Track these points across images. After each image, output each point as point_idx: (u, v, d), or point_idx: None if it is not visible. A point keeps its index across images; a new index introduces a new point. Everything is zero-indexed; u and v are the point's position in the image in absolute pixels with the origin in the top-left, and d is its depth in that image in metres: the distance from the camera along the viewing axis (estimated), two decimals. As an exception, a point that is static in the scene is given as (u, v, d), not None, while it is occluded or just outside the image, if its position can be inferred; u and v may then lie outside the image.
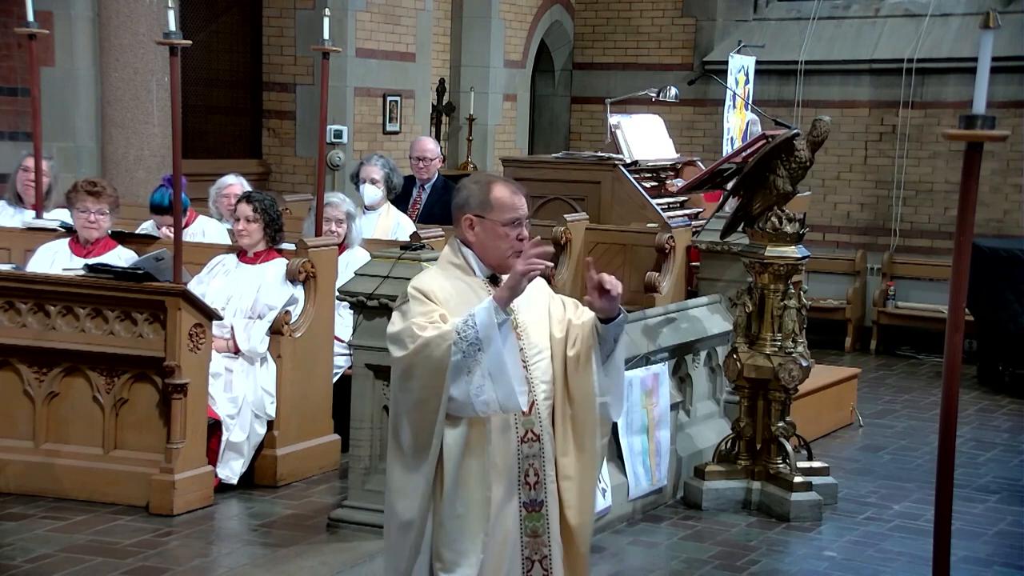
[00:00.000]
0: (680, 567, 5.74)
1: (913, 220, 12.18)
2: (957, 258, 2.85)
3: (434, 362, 3.52)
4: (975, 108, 2.77)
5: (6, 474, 6.13)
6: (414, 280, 3.70)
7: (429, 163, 8.83)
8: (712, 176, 7.04)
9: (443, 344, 3.51)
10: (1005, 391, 9.87)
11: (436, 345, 3.52)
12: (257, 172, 11.04)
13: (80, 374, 6.14)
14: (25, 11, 7.25)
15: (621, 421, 6.20)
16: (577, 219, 8.83)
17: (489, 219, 3.69)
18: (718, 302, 7.35)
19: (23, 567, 5.19)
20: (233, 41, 11.21)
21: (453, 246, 3.78)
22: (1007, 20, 10.82)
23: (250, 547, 5.63)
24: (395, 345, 3.61)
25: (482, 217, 3.70)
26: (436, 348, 3.52)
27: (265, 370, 6.53)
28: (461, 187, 3.81)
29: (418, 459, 3.62)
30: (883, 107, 12.23)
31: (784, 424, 6.65)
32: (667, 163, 9.98)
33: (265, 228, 6.71)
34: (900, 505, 6.80)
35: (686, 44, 13.30)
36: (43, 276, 6.33)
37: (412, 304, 3.62)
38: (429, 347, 3.53)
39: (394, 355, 3.61)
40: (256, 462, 6.48)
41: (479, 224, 3.70)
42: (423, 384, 3.56)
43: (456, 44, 12.78)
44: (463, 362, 3.49)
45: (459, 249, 3.76)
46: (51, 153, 8.37)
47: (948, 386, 2.91)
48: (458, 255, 3.76)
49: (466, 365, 3.49)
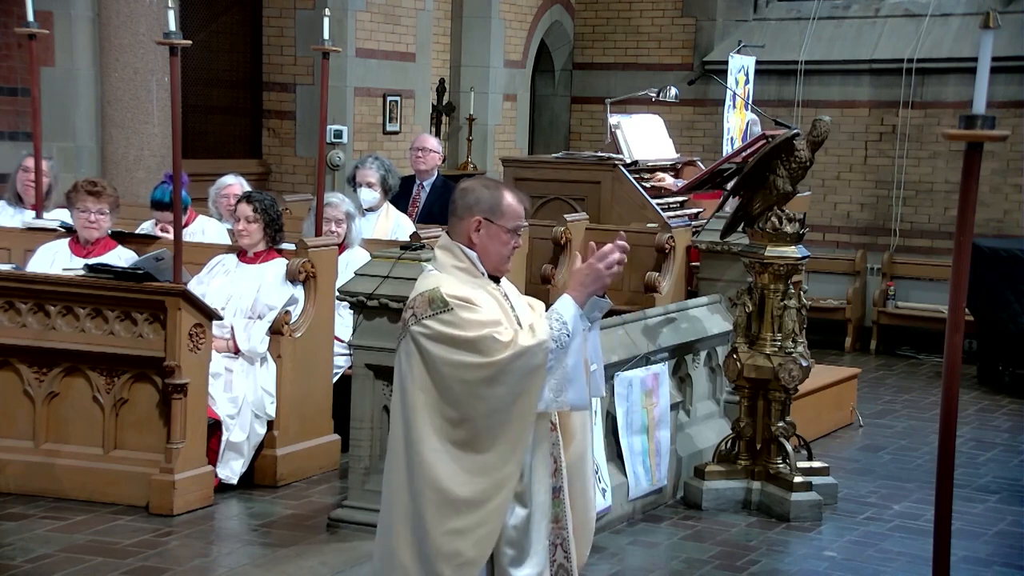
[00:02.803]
0: (680, 567, 5.74)
1: (913, 220, 12.18)
2: (957, 258, 2.85)
3: (532, 368, 3.67)
4: (975, 108, 2.77)
5: (6, 474, 6.13)
6: (443, 288, 3.71)
7: (428, 154, 8.82)
8: (712, 176, 7.04)
9: (541, 351, 3.66)
10: (1005, 391, 9.87)
11: (533, 353, 3.66)
12: (257, 172, 11.04)
13: (80, 374, 6.14)
14: (25, 11, 7.25)
15: (621, 421, 6.20)
16: (577, 219, 8.83)
17: (497, 224, 3.78)
18: (718, 302, 7.35)
19: (23, 567, 5.19)
20: (233, 41, 11.21)
21: (453, 249, 3.81)
22: (1007, 20, 10.82)
23: (250, 547, 5.63)
24: (476, 354, 3.67)
25: (491, 221, 3.77)
26: (534, 356, 3.66)
27: (265, 370, 6.53)
28: (469, 189, 3.84)
29: (502, 457, 3.73)
30: (883, 107, 12.23)
31: (784, 424, 6.65)
32: (667, 163, 9.98)
33: (265, 228, 6.71)
34: (900, 505, 6.80)
35: (686, 44, 13.30)
36: (43, 276, 6.33)
37: (461, 312, 3.69)
38: (526, 355, 3.66)
39: (473, 361, 3.67)
40: (256, 462, 6.48)
41: (485, 227, 3.77)
42: (514, 390, 3.69)
43: (456, 44, 12.79)
44: (553, 364, 3.68)
45: (462, 252, 3.80)
46: (51, 153, 8.37)
47: (948, 386, 2.91)
48: (462, 258, 3.80)
49: (552, 366, 3.69)
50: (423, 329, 3.70)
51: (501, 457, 3.73)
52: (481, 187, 3.85)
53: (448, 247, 3.83)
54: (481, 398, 3.72)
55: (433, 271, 3.82)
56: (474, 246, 3.79)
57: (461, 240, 3.80)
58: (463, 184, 3.90)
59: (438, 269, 3.82)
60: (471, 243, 3.79)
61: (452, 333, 3.68)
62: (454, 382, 3.70)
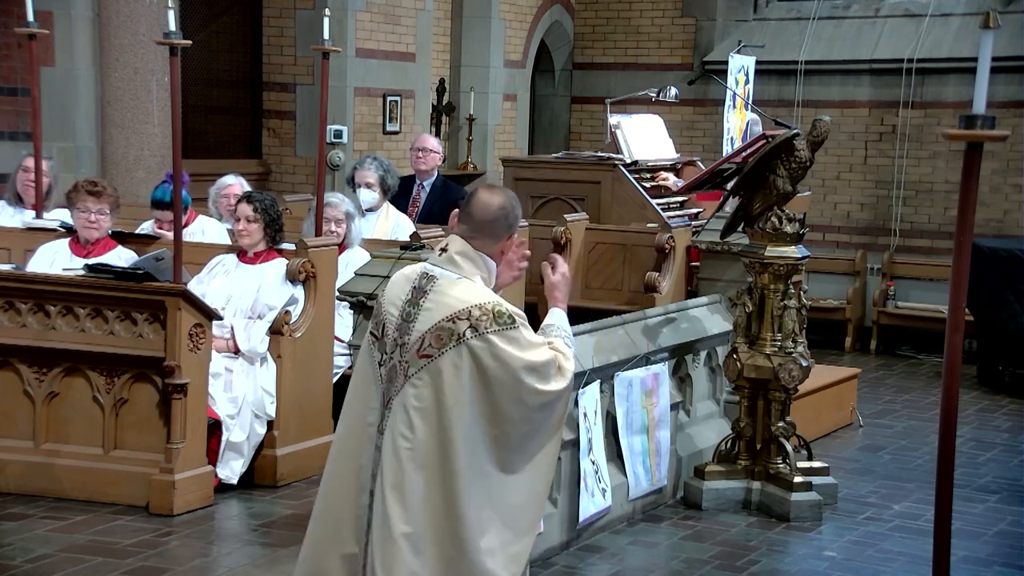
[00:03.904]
0: (680, 567, 5.74)
1: (913, 220, 12.18)
2: (957, 258, 2.85)
3: (570, 391, 3.90)
4: (975, 108, 2.78)
5: (6, 474, 6.13)
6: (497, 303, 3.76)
7: (428, 154, 8.82)
8: (712, 176, 7.03)
9: (573, 375, 3.88)
10: (1005, 391, 9.87)
11: (572, 377, 3.88)
12: (257, 172, 11.04)
13: (80, 374, 6.14)
14: (25, 11, 7.25)
15: (621, 421, 6.20)
16: (577, 219, 8.83)
17: (514, 236, 3.92)
18: (718, 302, 7.35)
19: (23, 567, 5.19)
20: (233, 41, 11.21)
21: (478, 261, 3.83)
22: (1007, 20, 10.82)
23: (250, 547, 5.63)
24: (540, 379, 3.77)
25: (512, 235, 3.92)
26: (572, 380, 3.89)
27: (265, 370, 6.53)
28: (512, 205, 3.88)
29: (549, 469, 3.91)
30: (883, 107, 12.23)
31: (784, 424, 6.65)
32: (667, 163, 9.98)
33: (265, 228, 6.71)
34: (900, 505, 6.80)
35: (686, 44, 13.30)
36: (43, 276, 6.33)
37: (524, 331, 3.77)
38: (571, 381, 3.87)
39: (538, 387, 3.76)
40: (256, 462, 6.48)
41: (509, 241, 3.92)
42: (558, 414, 3.87)
43: (456, 44, 12.78)
44: None
45: (484, 263, 3.85)
46: (51, 153, 8.37)
47: (948, 386, 2.91)
48: (484, 269, 3.86)
49: None
50: (484, 344, 3.67)
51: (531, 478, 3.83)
52: (516, 201, 3.92)
53: (471, 257, 3.82)
54: (531, 421, 3.77)
55: (463, 279, 3.79)
56: (499, 262, 3.87)
57: (491, 253, 3.85)
58: (497, 200, 3.87)
59: (466, 277, 3.80)
60: (498, 258, 3.86)
61: (520, 356, 3.71)
62: (510, 404, 3.72)
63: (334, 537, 3.86)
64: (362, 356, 3.92)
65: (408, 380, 3.73)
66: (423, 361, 3.70)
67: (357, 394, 3.89)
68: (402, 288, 3.84)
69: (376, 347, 3.83)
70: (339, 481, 3.87)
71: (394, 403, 3.75)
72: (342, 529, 3.83)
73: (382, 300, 3.89)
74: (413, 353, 3.72)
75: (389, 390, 3.77)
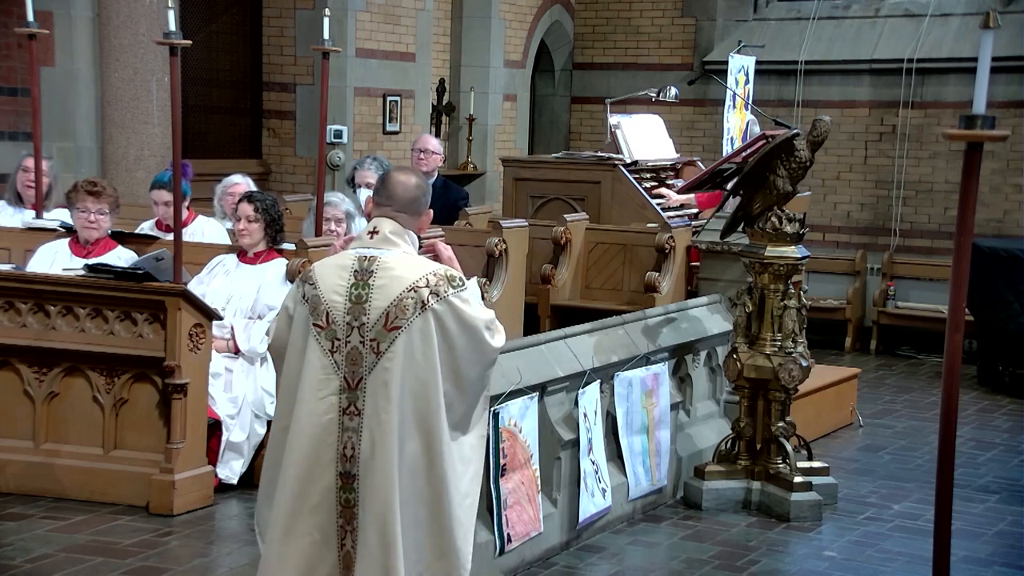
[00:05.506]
0: (680, 567, 5.74)
1: (913, 220, 12.18)
2: (957, 258, 2.85)
3: None
4: (975, 108, 2.78)
5: (6, 474, 6.14)
6: (446, 268, 3.99)
7: (430, 156, 8.83)
8: (712, 176, 7.03)
9: None
10: (1005, 391, 9.87)
11: None
12: (257, 172, 11.03)
13: (80, 374, 6.14)
14: (25, 11, 7.25)
15: (621, 421, 6.20)
16: (577, 219, 8.83)
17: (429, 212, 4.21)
18: (718, 302, 7.35)
19: (23, 567, 5.19)
20: (233, 41, 11.21)
21: (407, 237, 4.05)
22: (1007, 20, 10.82)
23: (250, 547, 5.62)
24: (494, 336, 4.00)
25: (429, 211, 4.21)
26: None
27: (265, 370, 6.53)
28: (425, 182, 4.14)
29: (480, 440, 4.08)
30: (883, 107, 12.23)
31: (784, 424, 6.65)
32: (667, 163, 9.98)
33: (266, 228, 6.71)
34: (900, 505, 6.80)
35: (686, 44, 13.30)
36: (43, 276, 6.33)
37: (472, 292, 4.00)
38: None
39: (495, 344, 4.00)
40: (256, 462, 6.47)
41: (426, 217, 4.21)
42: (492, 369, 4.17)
43: (456, 44, 12.78)
44: None
45: (412, 239, 4.08)
46: (51, 153, 8.38)
47: (948, 386, 2.91)
48: (414, 245, 4.10)
49: None
50: (446, 307, 3.86)
51: (480, 440, 4.03)
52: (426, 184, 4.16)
53: (401, 234, 4.02)
54: (483, 379, 4.01)
55: (405, 255, 3.99)
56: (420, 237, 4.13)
57: (413, 228, 4.08)
58: (413, 179, 4.12)
59: (405, 252, 4.01)
60: (418, 234, 4.11)
61: (477, 315, 3.90)
62: (470, 363, 3.91)
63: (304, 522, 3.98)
64: (301, 349, 3.97)
65: (381, 356, 3.84)
66: (393, 334, 3.84)
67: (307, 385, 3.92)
68: (339, 275, 3.95)
69: (323, 335, 3.90)
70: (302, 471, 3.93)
71: (368, 381, 3.84)
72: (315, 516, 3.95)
73: (318, 291, 3.96)
74: (380, 328, 3.84)
75: (356, 372, 3.86)
